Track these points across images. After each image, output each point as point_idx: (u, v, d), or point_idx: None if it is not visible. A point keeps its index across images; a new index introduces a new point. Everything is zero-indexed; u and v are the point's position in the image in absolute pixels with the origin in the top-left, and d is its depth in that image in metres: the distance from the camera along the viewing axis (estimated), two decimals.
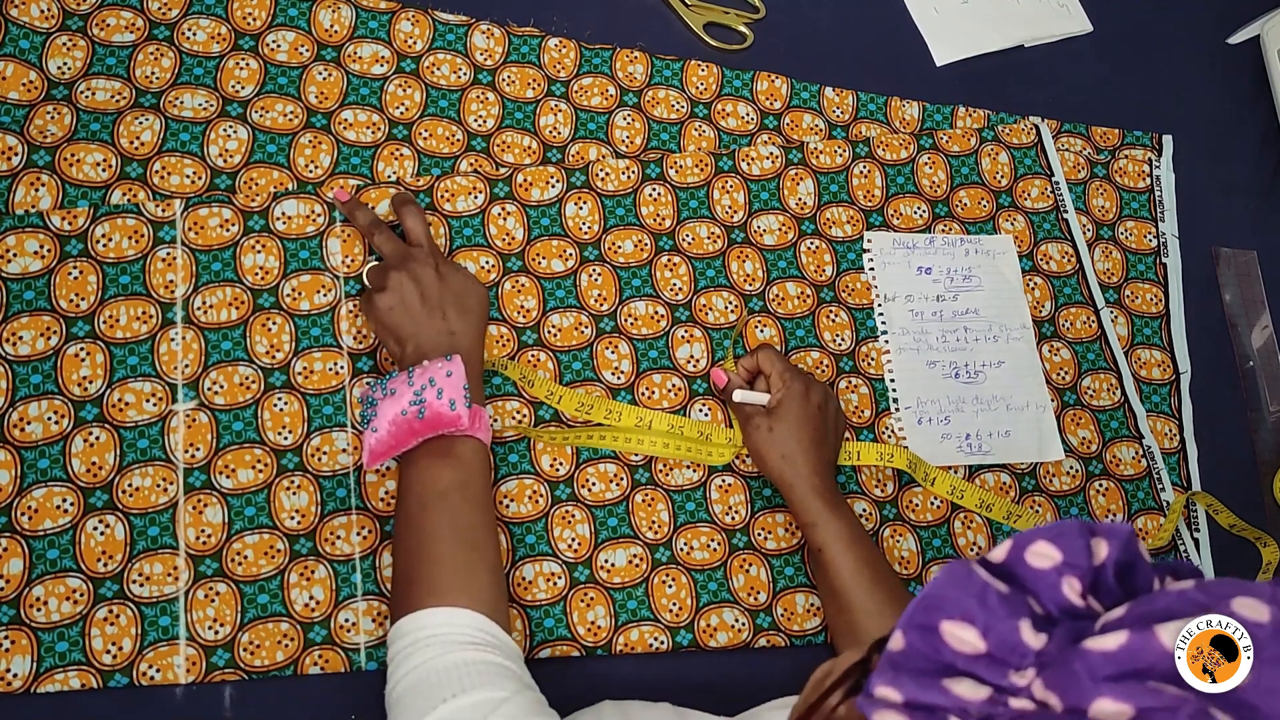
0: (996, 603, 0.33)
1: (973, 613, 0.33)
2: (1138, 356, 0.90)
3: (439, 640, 0.57)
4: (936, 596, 0.33)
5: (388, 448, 0.65)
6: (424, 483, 0.64)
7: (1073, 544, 0.34)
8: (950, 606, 0.33)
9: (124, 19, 0.76)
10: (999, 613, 0.33)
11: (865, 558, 0.70)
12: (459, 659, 0.56)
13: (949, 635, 0.33)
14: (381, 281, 0.69)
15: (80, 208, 0.71)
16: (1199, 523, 0.86)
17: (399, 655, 0.58)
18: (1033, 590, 0.34)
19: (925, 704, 0.32)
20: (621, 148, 0.84)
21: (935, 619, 0.33)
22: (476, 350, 0.71)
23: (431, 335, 0.68)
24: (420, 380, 0.65)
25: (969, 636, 0.33)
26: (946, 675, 0.33)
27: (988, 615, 0.33)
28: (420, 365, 0.66)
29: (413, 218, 0.73)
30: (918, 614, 0.33)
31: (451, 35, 0.83)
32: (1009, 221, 0.90)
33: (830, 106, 0.90)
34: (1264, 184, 1.00)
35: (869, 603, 0.69)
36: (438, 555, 0.61)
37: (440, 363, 0.65)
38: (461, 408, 0.64)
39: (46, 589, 0.64)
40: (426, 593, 0.60)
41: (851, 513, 0.72)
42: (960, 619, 0.33)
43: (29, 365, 0.68)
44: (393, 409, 0.64)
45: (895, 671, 0.33)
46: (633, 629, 0.71)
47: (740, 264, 0.82)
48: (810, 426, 0.73)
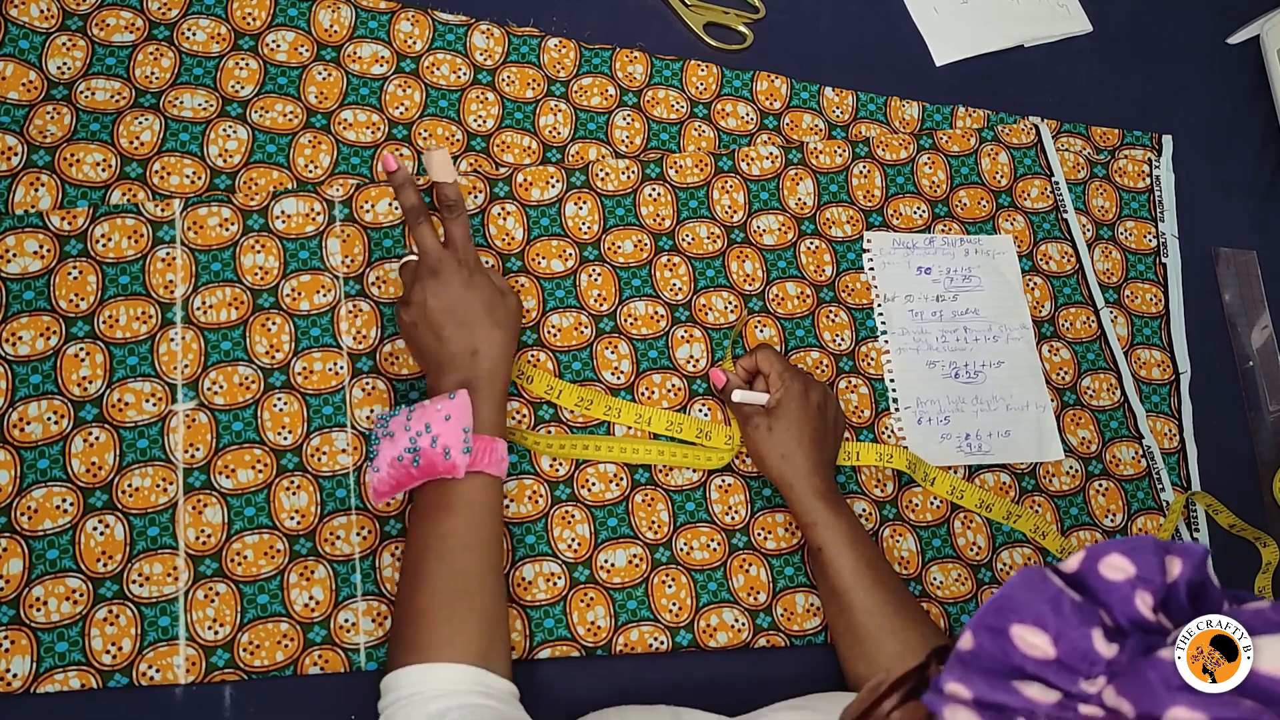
0: (1069, 610, 0.33)
1: (1045, 619, 0.33)
2: (1137, 356, 0.90)
3: (418, 698, 0.58)
4: (1009, 599, 0.33)
5: (389, 488, 0.65)
6: (419, 529, 0.64)
7: (1147, 559, 0.34)
8: (1022, 610, 0.33)
9: (124, 19, 0.76)
10: (1071, 620, 0.33)
11: (865, 557, 0.70)
12: (431, 710, 0.57)
13: (1019, 639, 0.33)
14: (408, 292, 0.68)
15: (80, 208, 0.71)
16: (1199, 523, 0.86)
17: (386, 711, 0.59)
18: (1104, 602, 0.34)
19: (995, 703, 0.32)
20: (621, 148, 0.84)
21: (1006, 622, 0.33)
22: (500, 370, 0.68)
23: (451, 355, 0.66)
24: (417, 425, 0.63)
25: (1040, 642, 0.33)
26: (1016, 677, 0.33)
27: (1060, 622, 0.33)
28: (421, 406, 0.64)
29: (458, 225, 0.69)
30: (988, 616, 0.33)
31: (451, 35, 0.83)
32: (1009, 221, 0.90)
33: (830, 106, 0.90)
34: (1264, 184, 1.00)
35: (869, 602, 0.68)
36: (426, 608, 0.61)
37: (441, 403, 0.63)
38: (458, 455, 0.62)
39: (46, 589, 0.64)
40: (409, 649, 0.60)
41: (851, 512, 0.72)
42: (1032, 624, 0.33)
43: (29, 365, 0.68)
44: (390, 452, 0.64)
45: (965, 669, 0.33)
46: (633, 629, 0.71)
47: (740, 264, 0.82)
48: (810, 426, 0.73)
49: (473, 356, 0.66)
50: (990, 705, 0.32)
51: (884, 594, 0.69)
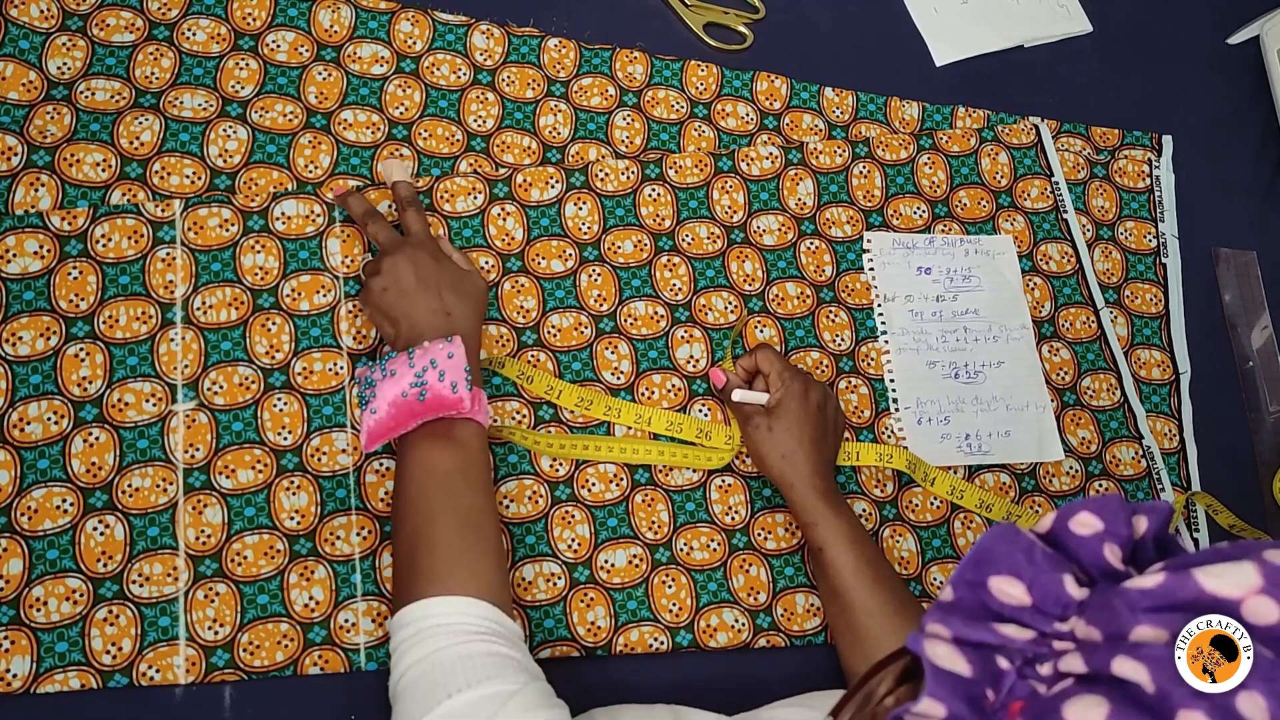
0: (1042, 559, 0.35)
1: (1020, 568, 0.34)
2: (1137, 357, 0.90)
3: (444, 630, 0.56)
4: (986, 551, 0.35)
5: (387, 429, 0.64)
6: (424, 466, 0.63)
7: (1115, 515, 0.35)
8: (999, 563, 0.35)
9: (124, 19, 0.76)
10: (1044, 567, 0.34)
11: (865, 556, 0.70)
12: (466, 650, 0.55)
13: (996, 589, 0.35)
14: (376, 264, 0.69)
15: (80, 208, 0.71)
16: (1199, 523, 0.86)
17: (403, 645, 0.57)
18: (1075, 556, 0.36)
19: (973, 640, 0.34)
20: (621, 148, 0.84)
21: (984, 574, 0.35)
22: (474, 334, 0.70)
23: (426, 314, 0.68)
24: (422, 361, 0.64)
25: (1015, 591, 0.34)
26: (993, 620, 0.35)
27: (1034, 570, 0.34)
28: (421, 346, 0.65)
29: (412, 214, 0.73)
30: (967, 570, 0.35)
31: (451, 35, 0.83)
32: (1009, 222, 0.90)
33: (830, 107, 0.90)
34: (1264, 184, 1.00)
35: (869, 602, 0.68)
36: (440, 540, 0.60)
37: (441, 344, 0.65)
38: (463, 390, 0.64)
39: (46, 589, 0.64)
40: (429, 580, 0.59)
41: (851, 512, 0.72)
42: (1008, 574, 0.35)
43: (29, 365, 0.68)
44: (393, 390, 0.64)
45: (945, 613, 0.35)
46: (633, 629, 0.71)
47: (740, 264, 0.82)
48: (810, 426, 0.73)
49: (448, 318, 0.68)
50: (968, 642, 0.34)
51: (884, 594, 0.69)
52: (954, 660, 0.33)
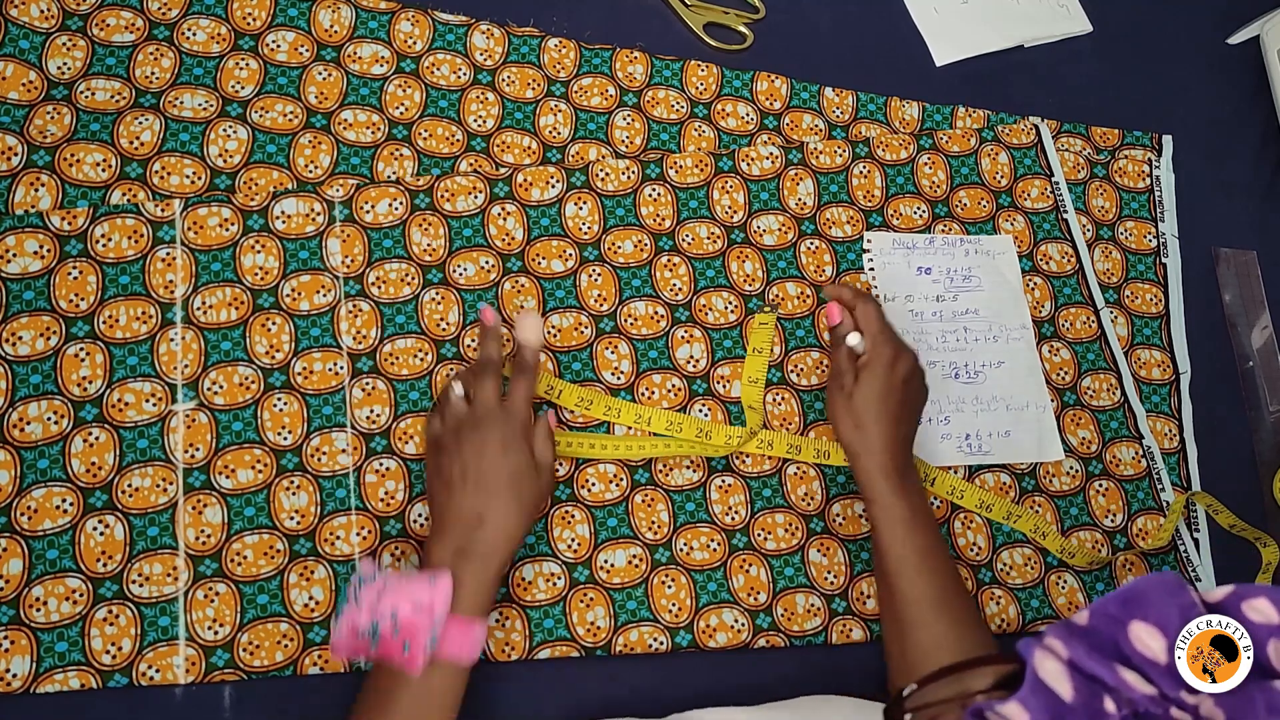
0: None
1: (1170, 625, 0.32)
2: (1137, 357, 0.90)
3: None
4: (1141, 594, 0.33)
5: (345, 654, 0.61)
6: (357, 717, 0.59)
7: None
8: (1149, 609, 0.33)
9: (124, 19, 0.76)
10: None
11: (918, 546, 0.66)
12: None
13: (1135, 635, 0.32)
14: (446, 432, 0.66)
15: (80, 208, 0.71)
16: (1199, 523, 0.86)
17: None
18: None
19: (1087, 671, 0.32)
20: (621, 148, 0.84)
21: (1130, 614, 0.33)
22: (502, 546, 0.63)
23: (455, 511, 0.63)
24: (385, 607, 0.58)
25: (1155, 645, 0.32)
26: (1118, 661, 0.33)
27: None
28: (398, 581, 0.59)
29: (521, 386, 0.68)
30: (1113, 603, 0.33)
31: (451, 35, 0.83)
32: (1009, 222, 0.90)
33: (830, 107, 0.90)
34: (1264, 184, 1.00)
35: (911, 591, 0.65)
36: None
37: (418, 587, 0.59)
38: (417, 651, 0.58)
39: (46, 589, 0.64)
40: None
41: (919, 497, 0.68)
42: (1155, 624, 0.32)
43: (29, 365, 0.68)
44: (351, 619, 0.59)
45: (1070, 635, 0.33)
46: (632, 629, 0.71)
47: (740, 264, 0.82)
48: (892, 400, 0.69)
49: (477, 525, 0.63)
50: (1083, 672, 0.32)
51: (928, 587, 0.65)
52: (1059, 680, 0.32)
